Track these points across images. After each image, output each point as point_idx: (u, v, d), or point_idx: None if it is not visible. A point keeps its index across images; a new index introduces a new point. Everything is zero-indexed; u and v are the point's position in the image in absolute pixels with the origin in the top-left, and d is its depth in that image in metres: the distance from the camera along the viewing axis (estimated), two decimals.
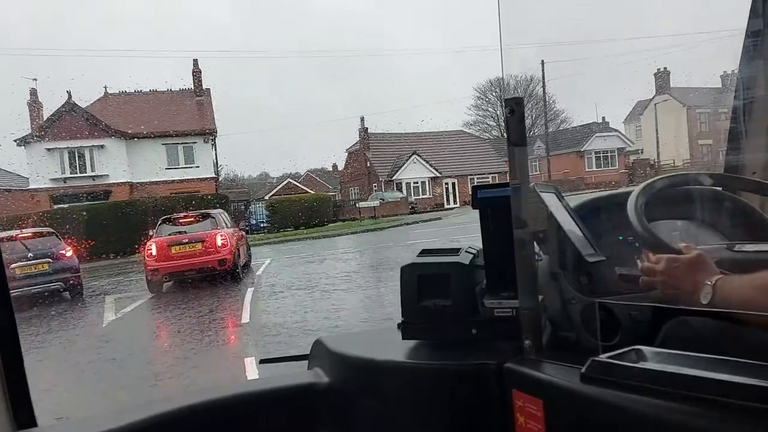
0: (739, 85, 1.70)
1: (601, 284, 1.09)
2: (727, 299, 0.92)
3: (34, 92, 34.47)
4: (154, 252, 12.86)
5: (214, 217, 14.07)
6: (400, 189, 44.36)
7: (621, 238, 1.18)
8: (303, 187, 47.40)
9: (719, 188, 1.29)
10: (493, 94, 59.74)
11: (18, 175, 35.08)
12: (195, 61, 39.61)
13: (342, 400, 1.24)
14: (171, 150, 36.00)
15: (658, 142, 43.14)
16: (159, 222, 14.13)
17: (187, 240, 13.09)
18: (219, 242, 13.06)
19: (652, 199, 1.16)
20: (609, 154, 48.48)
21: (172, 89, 39.37)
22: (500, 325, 1.12)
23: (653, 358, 0.84)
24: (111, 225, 28.54)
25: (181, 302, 11.49)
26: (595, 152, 48.43)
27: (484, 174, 44.86)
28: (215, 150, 37.20)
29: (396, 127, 48.12)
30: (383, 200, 38.36)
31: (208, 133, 36.39)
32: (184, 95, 38.99)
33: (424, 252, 1.28)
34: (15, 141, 32.63)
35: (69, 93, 32.98)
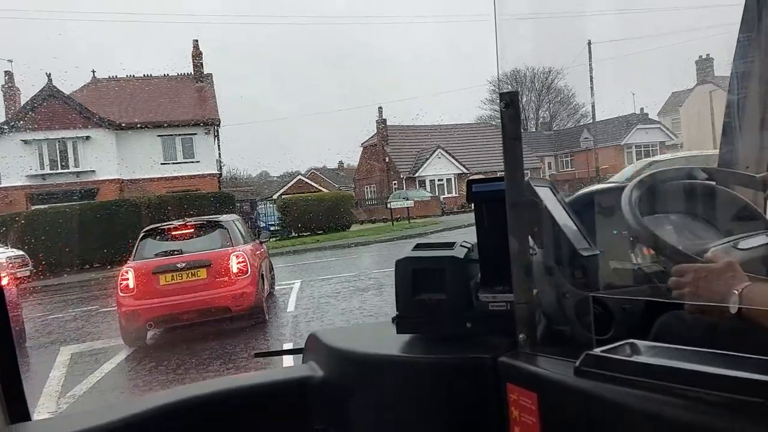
0: (733, 79, 1.70)
1: (596, 278, 1.08)
2: (755, 307, 0.92)
3: (9, 75, 29.92)
4: (131, 284, 8.15)
5: (225, 227, 8.93)
6: (423, 187, 39.89)
7: (615, 232, 1.23)
8: (315, 184, 42.73)
9: (713, 182, 1.33)
10: (510, 87, 56.30)
11: None
12: (195, 43, 35.04)
13: (337, 393, 1.24)
14: (167, 142, 31.43)
15: (714, 135, 38.63)
16: (141, 235, 8.99)
17: (184, 264, 8.24)
18: (235, 267, 8.35)
19: (647, 193, 1.22)
20: (651, 148, 44.06)
21: (169, 74, 34.77)
22: (495, 319, 1.11)
23: (647, 352, 0.84)
24: (95, 229, 24.19)
25: (176, 371, 6.92)
26: (636, 146, 44.10)
27: None
28: (218, 142, 32.60)
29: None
30: (407, 199, 33.87)
31: (210, 123, 31.81)
32: (183, 81, 34.44)
33: (419, 246, 1.26)
34: None
35: (49, 75, 28.40)
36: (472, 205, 1.18)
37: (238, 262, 8.43)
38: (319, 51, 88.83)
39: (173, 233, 8.98)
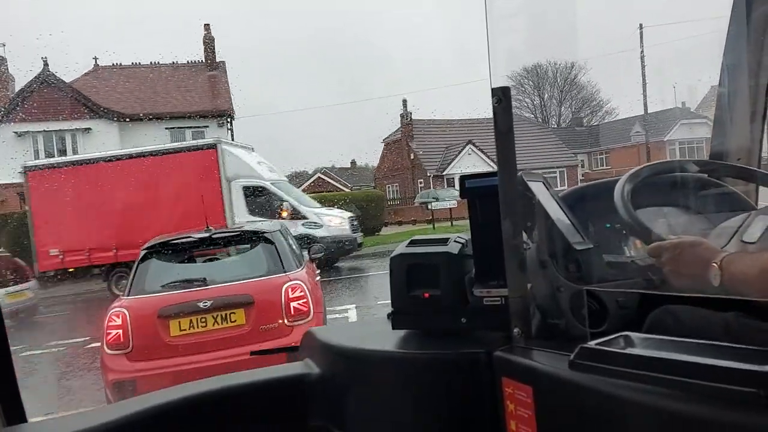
0: (724, 72, 1.69)
1: (590, 272, 1.09)
2: (734, 277, 0.93)
3: (2, 60, 26.93)
4: (127, 336, 4.92)
5: (271, 241, 5.61)
6: (452, 186, 36.72)
7: (608, 226, 1.24)
8: (336, 183, 39.63)
9: (705, 175, 1.34)
10: (531, 83, 53.27)
11: None
12: (207, 27, 31.98)
13: (333, 390, 1.24)
14: (177, 135, 28.30)
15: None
16: (141, 254, 5.53)
17: (210, 302, 4.98)
18: (291, 306, 5.14)
19: (639, 186, 1.22)
20: (696, 145, 40.71)
21: (178, 62, 31.71)
22: (489, 313, 1.11)
23: (641, 344, 0.84)
24: None
25: None
26: (680, 142, 40.72)
27: (551, 168, 37.22)
28: (232, 135, 29.50)
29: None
30: (437, 199, 30.78)
31: (224, 115, 28.72)
32: (194, 69, 31.38)
33: (414, 242, 1.26)
34: None
35: (45, 60, 25.37)
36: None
37: (296, 299, 5.18)
38: (320, 45, 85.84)
39: (192, 251, 5.72)
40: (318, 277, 6.31)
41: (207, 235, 5.55)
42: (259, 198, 15.56)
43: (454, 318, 1.16)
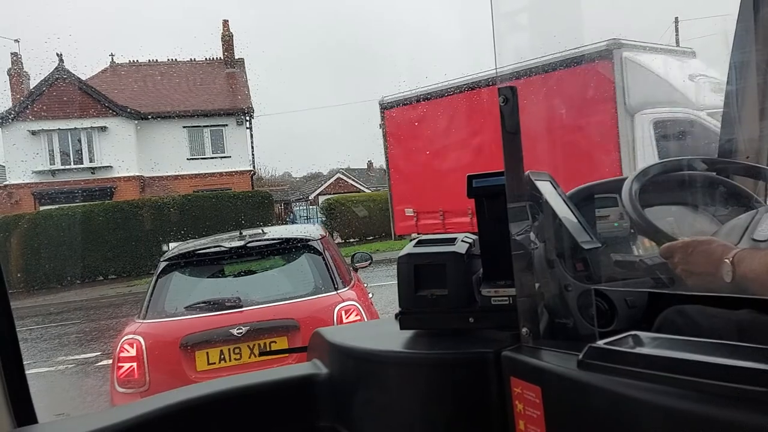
0: (732, 70, 1.70)
1: (597, 271, 1.09)
2: (747, 274, 0.93)
3: (16, 57, 26.28)
4: (142, 371, 3.84)
5: (317, 251, 4.47)
6: None
7: (616, 225, 1.24)
8: (356, 184, 38.67)
9: (713, 173, 1.34)
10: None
11: None
12: (225, 23, 31.17)
13: (341, 390, 1.24)
14: (195, 134, 27.58)
15: None
16: (161, 266, 4.44)
17: (245, 329, 3.91)
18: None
19: (647, 185, 1.23)
20: None
21: (196, 59, 30.92)
22: (497, 313, 1.11)
23: (650, 344, 0.84)
24: (109, 235, 20.44)
25: None
26: None
27: None
28: (251, 134, 28.63)
29: None
30: None
31: (242, 113, 27.85)
32: (212, 66, 30.57)
33: (421, 242, 1.25)
34: None
35: (60, 56, 24.63)
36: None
37: (352, 322, 4.12)
38: (336, 43, 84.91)
39: (223, 263, 4.60)
40: (371, 294, 5.24)
41: (241, 243, 4.53)
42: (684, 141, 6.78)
43: (461, 318, 1.15)
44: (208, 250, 4.57)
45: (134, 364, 3.97)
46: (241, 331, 4.03)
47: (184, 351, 4.01)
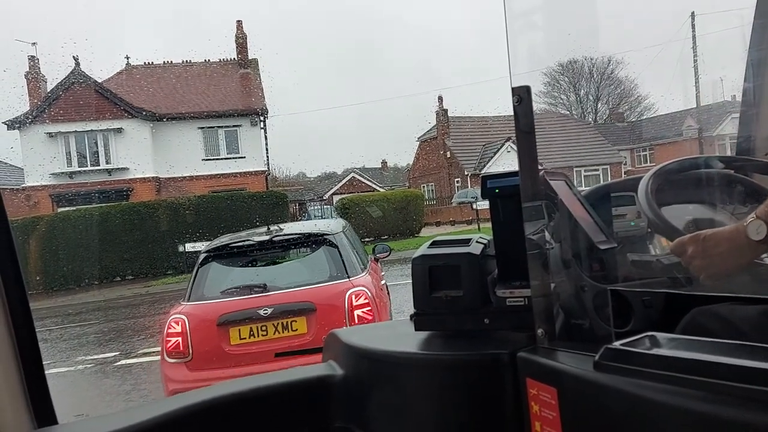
0: (749, 67, 1.69)
1: (614, 271, 1.08)
2: None
3: (34, 61, 26.60)
4: (186, 344, 4.67)
5: (334, 244, 5.12)
6: None
7: (632, 224, 1.24)
8: (370, 183, 38.66)
9: (731, 171, 1.32)
10: (566, 78, 51.62)
11: (11, 165, 27.19)
12: (239, 24, 31.32)
13: (356, 391, 1.24)
14: (209, 135, 27.75)
15: None
16: (201, 257, 5.23)
17: (270, 310, 4.64)
18: (356, 314, 4.66)
19: (663, 183, 1.22)
20: None
21: (210, 60, 31.11)
22: (512, 314, 1.10)
23: (667, 345, 0.83)
24: (126, 236, 20.56)
25: None
26: (731, 138, 38.75)
27: (593, 166, 35.65)
28: (265, 135, 28.74)
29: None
30: (477, 198, 29.63)
31: (257, 114, 27.98)
32: (226, 67, 30.74)
33: (435, 243, 1.24)
34: (4, 123, 24.61)
35: (76, 59, 24.90)
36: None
37: (360, 306, 4.70)
38: (349, 42, 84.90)
39: (251, 255, 5.25)
40: (384, 281, 5.50)
41: (268, 237, 5.16)
42: None
43: (476, 319, 1.14)
44: (240, 244, 5.24)
45: (180, 339, 4.69)
46: (267, 311, 4.67)
47: (220, 328, 4.67)
